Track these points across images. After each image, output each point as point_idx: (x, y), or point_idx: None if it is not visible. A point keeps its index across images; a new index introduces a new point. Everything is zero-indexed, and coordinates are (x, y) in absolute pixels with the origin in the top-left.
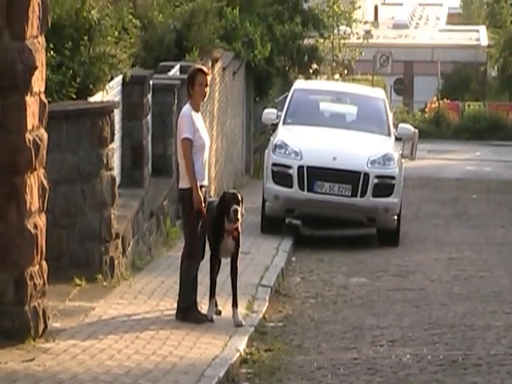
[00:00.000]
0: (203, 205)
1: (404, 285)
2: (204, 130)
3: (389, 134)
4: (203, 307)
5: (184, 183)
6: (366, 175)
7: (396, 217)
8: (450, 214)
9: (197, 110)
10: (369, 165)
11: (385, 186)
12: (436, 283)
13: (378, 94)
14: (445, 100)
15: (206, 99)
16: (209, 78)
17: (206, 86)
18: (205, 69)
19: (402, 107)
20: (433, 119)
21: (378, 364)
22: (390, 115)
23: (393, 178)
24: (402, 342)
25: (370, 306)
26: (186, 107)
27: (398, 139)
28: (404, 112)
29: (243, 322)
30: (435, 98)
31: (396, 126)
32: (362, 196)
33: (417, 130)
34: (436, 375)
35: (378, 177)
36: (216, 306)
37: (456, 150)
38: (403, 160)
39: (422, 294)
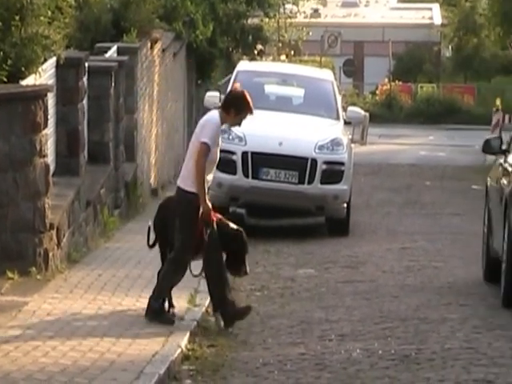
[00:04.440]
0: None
1: (354, 276)
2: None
3: (337, 118)
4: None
5: (188, 185)
6: (314, 161)
7: (346, 205)
8: (402, 202)
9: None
10: (316, 150)
11: (333, 173)
12: (388, 274)
13: (327, 75)
14: (397, 82)
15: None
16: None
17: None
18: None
19: (352, 90)
20: (384, 102)
21: (326, 359)
22: (339, 98)
23: (342, 163)
24: (352, 337)
25: (318, 299)
26: (217, 116)
27: (347, 123)
28: (354, 95)
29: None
30: (387, 80)
31: (345, 110)
32: (309, 183)
33: (367, 114)
34: (387, 371)
35: (326, 163)
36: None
37: (409, 134)
38: (353, 145)
39: (373, 285)
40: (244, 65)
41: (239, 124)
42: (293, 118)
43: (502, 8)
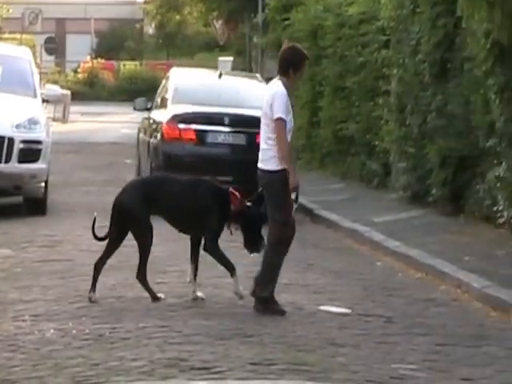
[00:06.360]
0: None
1: (51, 256)
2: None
3: (35, 96)
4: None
5: (275, 165)
6: (11, 140)
7: (43, 184)
8: (102, 181)
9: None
10: (14, 129)
11: (31, 152)
12: (85, 253)
13: (23, 53)
14: (99, 59)
15: None
16: None
17: None
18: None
19: (54, 67)
20: (87, 80)
21: (19, 340)
22: (37, 76)
23: (39, 142)
24: (47, 317)
25: (13, 279)
26: (281, 86)
27: (45, 101)
28: (56, 73)
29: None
30: (89, 58)
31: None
32: (6, 162)
33: (69, 92)
34: (81, 350)
35: (23, 142)
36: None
37: (111, 112)
38: (54, 123)
39: (69, 265)
40: None
41: (301, 78)
42: None
43: None
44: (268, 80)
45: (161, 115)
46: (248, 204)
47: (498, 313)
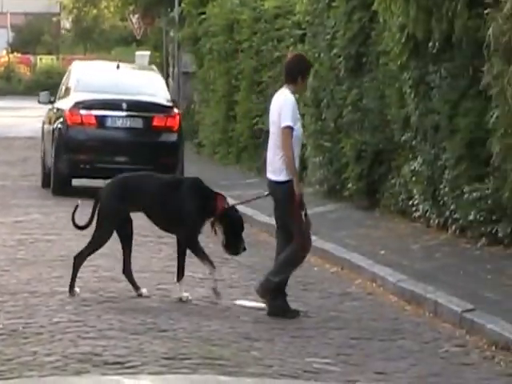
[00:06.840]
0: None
1: None
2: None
3: None
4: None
5: (284, 175)
6: None
7: None
8: (17, 175)
9: None
10: None
11: None
12: None
13: None
14: (16, 54)
15: None
16: None
17: None
18: None
19: None
20: (3, 74)
21: None
22: None
23: None
24: None
25: None
26: (289, 94)
27: None
28: None
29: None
30: (5, 52)
31: None
32: None
33: None
34: None
35: None
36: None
37: (29, 106)
38: None
39: None
40: None
41: (306, 85)
42: None
43: None
44: (185, 74)
45: (64, 103)
46: (232, 206)
47: (412, 306)
